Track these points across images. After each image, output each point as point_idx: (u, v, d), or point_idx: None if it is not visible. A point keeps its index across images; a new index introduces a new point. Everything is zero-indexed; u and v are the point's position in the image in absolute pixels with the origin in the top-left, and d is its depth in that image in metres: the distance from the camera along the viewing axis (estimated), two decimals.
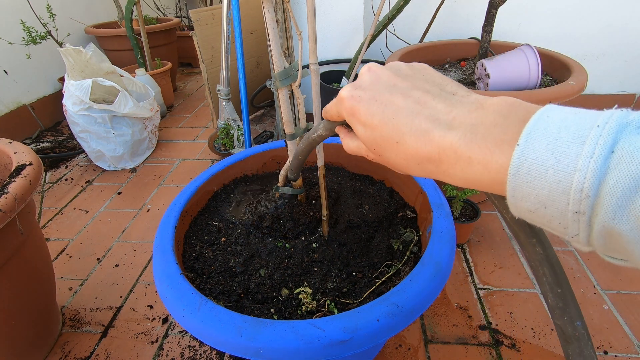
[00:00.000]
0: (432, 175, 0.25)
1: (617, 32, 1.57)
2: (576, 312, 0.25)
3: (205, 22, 1.47)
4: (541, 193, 0.19)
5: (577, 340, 0.25)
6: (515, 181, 0.20)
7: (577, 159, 0.18)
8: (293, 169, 0.63)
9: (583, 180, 0.17)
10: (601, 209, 0.17)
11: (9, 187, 0.63)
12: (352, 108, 0.28)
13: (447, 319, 0.88)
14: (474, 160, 0.22)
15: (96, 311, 0.95)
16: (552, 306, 0.25)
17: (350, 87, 0.29)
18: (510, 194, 0.20)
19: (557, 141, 0.18)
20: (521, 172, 0.19)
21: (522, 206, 0.20)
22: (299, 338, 0.43)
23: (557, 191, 0.18)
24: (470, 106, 0.24)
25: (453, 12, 1.61)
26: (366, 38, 1.29)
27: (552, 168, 0.18)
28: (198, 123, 1.99)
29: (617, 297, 0.91)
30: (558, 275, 0.25)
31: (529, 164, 0.19)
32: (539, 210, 0.20)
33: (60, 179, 1.53)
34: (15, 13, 1.76)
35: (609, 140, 0.17)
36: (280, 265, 0.62)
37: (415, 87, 0.27)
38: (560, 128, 0.19)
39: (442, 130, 0.23)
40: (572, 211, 0.18)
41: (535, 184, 0.19)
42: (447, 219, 0.60)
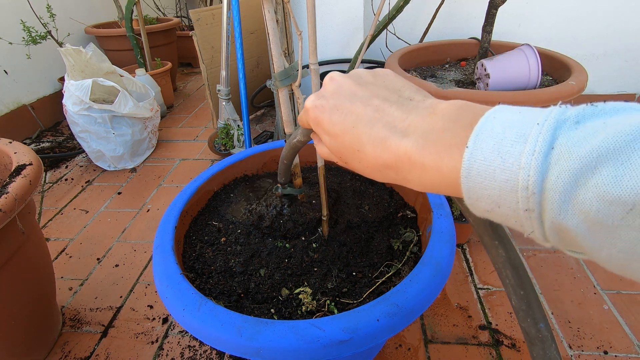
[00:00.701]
0: (394, 181, 0.26)
1: (617, 32, 1.57)
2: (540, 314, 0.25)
3: (205, 22, 1.47)
4: (493, 193, 0.19)
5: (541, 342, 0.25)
6: (468, 183, 0.20)
7: (520, 157, 0.18)
8: (281, 173, 0.63)
9: (527, 178, 0.17)
10: (547, 205, 0.17)
11: (9, 187, 0.63)
12: (316, 118, 0.29)
13: (447, 319, 0.88)
14: (427, 166, 0.22)
15: (96, 311, 0.95)
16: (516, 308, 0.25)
17: (314, 96, 0.30)
18: (466, 195, 0.21)
19: (502, 141, 0.19)
20: (472, 174, 0.20)
21: (479, 206, 0.21)
22: (299, 338, 0.43)
23: (506, 190, 0.19)
24: (423, 112, 0.24)
25: (453, 12, 1.61)
26: (366, 38, 1.29)
27: (499, 168, 0.19)
28: (198, 123, 1.99)
29: (617, 297, 0.91)
30: (521, 277, 0.25)
31: (478, 166, 0.19)
32: (495, 210, 0.20)
33: (60, 179, 1.53)
34: (15, 13, 1.76)
35: (548, 137, 0.17)
36: (280, 265, 0.62)
37: (375, 95, 0.27)
38: (505, 128, 0.19)
39: (398, 137, 0.24)
40: (523, 209, 0.18)
41: (486, 184, 0.19)
42: (447, 219, 0.60)
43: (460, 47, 1.40)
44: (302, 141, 0.42)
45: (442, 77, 1.28)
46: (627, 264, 0.17)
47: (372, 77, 0.29)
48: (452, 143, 0.21)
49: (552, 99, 0.91)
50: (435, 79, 1.27)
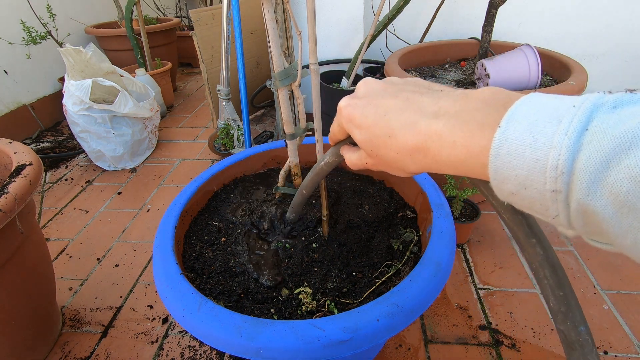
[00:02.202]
0: (423, 165, 0.26)
1: (617, 32, 1.57)
2: (580, 316, 0.24)
3: (205, 22, 1.47)
4: (520, 173, 0.19)
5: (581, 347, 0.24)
6: (496, 162, 0.20)
7: (553, 136, 0.18)
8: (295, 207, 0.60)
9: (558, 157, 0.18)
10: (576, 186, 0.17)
11: (9, 187, 0.63)
12: (349, 115, 0.30)
13: (447, 319, 0.88)
14: (458, 143, 0.22)
15: (96, 311, 0.95)
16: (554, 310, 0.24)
17: (347, 97, 0.32)
18: (492, 176, 0.21)
19: (536, 122, 0.19)
20: (501, 153, 0.20)
21: (505, 189, 0.21)
22: (298, 338, 0.43)
23: (535, 170, 0.19)
24: (455, 97, 0.25)
25: (453, 12, 1.61)
26: (366, 38, 1.29)
27: (530, 147, 0.19)
28: (198, 123, 1.99)
29: (617, 297, 0.91)
30: (560, 277, 0.24)
31: (508, 145, 0.19)
32: (521, 192, 0.20)
33: (60, 179, 1.53)
34: (15, 13, 1.76)
35: (583, 119, 0.17)
36: (281, 265, 0.62)
37: (404, 89, 0.29)
38: (540, 109, 0.19)
39: (428, 119, 0.24)
40: (550, 190, 0.18)
41: (514, 164, 0.19)
42: (447, 219, 0.60)
43: (460, 47, 1.40)
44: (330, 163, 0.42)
45: (442, 77, 1.28)
46: None
47: (403, 80, 0.31)
48: (484, 122, 0.21)
49: None
50: (435, 79, 1.27)
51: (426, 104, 0.26)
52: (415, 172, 0.28)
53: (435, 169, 0.25)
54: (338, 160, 0.41)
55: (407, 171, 0.28)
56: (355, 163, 0.34)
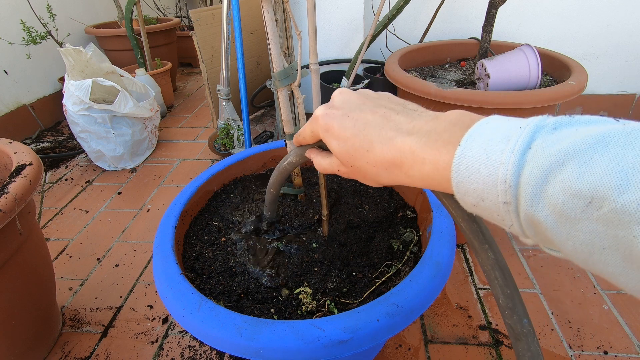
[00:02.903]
0: (397, 179, 0.28)
1: (617, 32, 1.57)
2: (523, 311, 0.27)
3: (205, 22, 1.47)
4: (478, 187, 0.21)
5: (525, 337, 0.27)
6: (457, 177, 0.22)
7: (502, 154, 0.20)
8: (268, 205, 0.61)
9: (506, 172, 0.20)
10: (522, 198, 0.19)
11: (9, 187, 0.63)
12: (327, 124, 0.31)
13: (447, 319, 0.88)
14: (427, 160, 0.25)
15: (96, 311, 0.95)
16: (502, 306, 0.27)
17: (324, 107, 0.33)
18: (455, 190, 0.23)
19: (489, 141, 0.21)
20: (461, 169, 0.22)
21: (467, 201, 0.23)
22: (298, 338, 0.43)
23: (489, 184, 0.21)
24: (427, 118, 0.27)
25: (453, 12, 1.61)
26: (366, 38, 1.29)
27: (484, 163, 0.21)
28: (198, 123, 1.99)
29: (617, 297, 0.91)
30: (507, 278, 0.27)
31: (467, 161, 0.22)
32: (480, 204, 0.22)
33: (60, 179, 1.53)
34: (15, 13, 1.76)
35: (527, 138, 0.20)
36: (280, 265, 0.62)
37: (381, 105, 0.30)
38: (494, 130, 0.22)
39: (403, 136, 0.27)
40: (502, 202, 0.20)
41: (472, 178, 0.21)
42: (447, 219, 0.60)
43: (460, 47, 1.40)
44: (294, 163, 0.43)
45: (442, 77, 1.28)
46: (588, 256, 0.18)
47: (377, 95, 0.33)
48: (449, 141, 0.24)
49: (552, 99, 0.91)
50: (435, 79, 1.27)
51: (402, 122, 0.28)
52: (387, 183, 0.30)
53: (407, 182, 0.27)
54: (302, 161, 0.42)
55: (379, 182, 0.30)
56: (325, 168, 0.35)
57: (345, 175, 0.33)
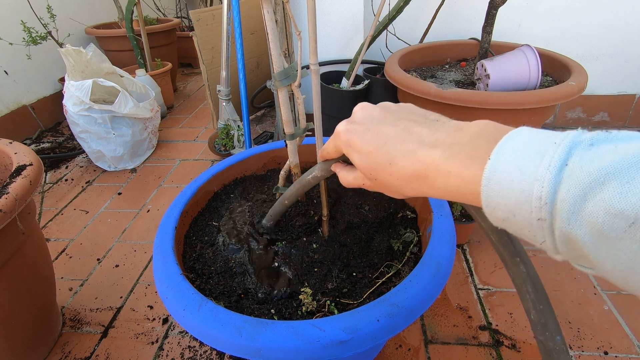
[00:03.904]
0: (421, 191, 0.28)
1: (617, 32, 1.57)
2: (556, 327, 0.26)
3: (206, 22, 1.47)
4: (509, 202, 0.21)
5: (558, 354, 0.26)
6: (488, 192, 0.22)
7: (536, 170, 0.20)
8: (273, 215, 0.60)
9: (541, 189, 0.19)
10: (558, 215, 0.19)
11: (9, 187, 0.63)
12: (349, 140, 0.32)
13: (447, 319, 0.88)
14: (452, 173, 0.24)
15: (96, 311, 0.95)
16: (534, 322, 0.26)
17: (345, 122, 0.33)
18: (484, 203, 0.23)
19: (522, 156, 0.21)
20: (492, 183, 0.22)
21: (496, 215, 0.22)
22: (299, 338, 0.43)
23: (522, 200, 0.20)
24: (450, 129, 0.27)
25: (453, 12, 1.61)
26: (366, 39, 1.29)
27: (517, 179, 0.20)
28: (198, 123, 1.99)
29: (618, 298, 0.91)
30: (539, 292, 0.26)
31: (498, 176, 0.21)
32: (510, 219, 0.22)
33: (61, 180, 1.53)
34: (15, 13, 1.76)
35: (563, 155, 0.19)
36: (280, 266, 0.62)
37: (402, 117, 0.30)
38: (526, 145, 0.21)
39: (426, 149, 0.26)
40: (536, 218, 0.20)
41: (503, 193, 0.21)
42: (447, 219, 0.60)
43: (460, 47, 1.40)
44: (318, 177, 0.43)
45: (442, 78, 1.28)
46: (629, 276, 0.18)
47: (398, 107, 0.33)
48: (476, 154, 0.23)
49: (552, 99, 0.91)
50: (435, 79, 1.27)
51: (424, 134, 0.28)
52: (411, 195, 0.29)
53: (432, 195, 0.27)
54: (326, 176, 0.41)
55: (404, 195, 0.30)
56: (350, 182, 0.35)
57: (370, 188, 0.34)
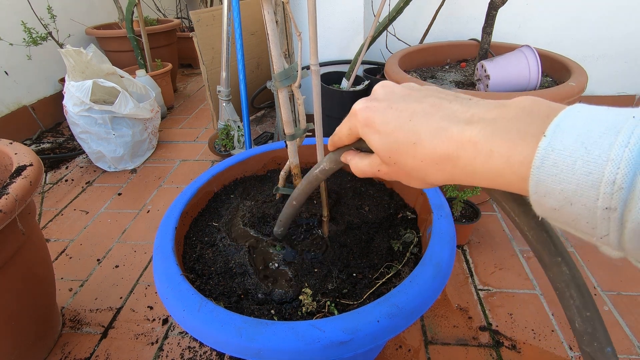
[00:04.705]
0: (450, 175, 0.24)
1: (616, 33, 1.57)
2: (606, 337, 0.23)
3: (206, 23, 1.47)
4: (567, 188, 0.18)
5: None
6: (539, 175, 0.19)
7: (610, 149, 0.16)
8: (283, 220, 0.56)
9: (616, 171, 0.16)
10: (636, 204, 0.16)
11: (9, 187, 0.63)
12: (367, 118, 0.28)
13: (447, 320, 0.88)
14: (495, 153, 0.21)
15: (96, 312, 0.95)
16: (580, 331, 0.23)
17: (364, 100, 0.29)
18: (532, 189, 0.19)
19: (588, 132, 0.17)
20: (546, 164, 0.18)
21: (546, 204, 0.19)
22: (299, 339, 0.43)
23: (586, 185, 0.17)
24: (489, 105, 0.23)
25: (453, 13, 1.62)
26: (366, 39, 1.30)
27: (582, 159, 0.17)
28: (198, 124, 1.99)
29: (618, 298, 0.91)
30: (585, 297, 0.23)
31: (555, 156, 0.18)
32: (565, 208, 0.18)
33: (61, 180, 1.53)
34: (16, 14, 1.76)
35: None
36: (280, 267, 0.62)
37: (429, 95, 0.27)
38: (592, 121, 0.18)
39: (460, 126, 0.23)
40: (602, 207, 0.17)
41: (561, 177, 0.18)
42: (447, 220, 0.60)
43: (460, 48, 1.40)
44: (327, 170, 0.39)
45: (442, 79, 1.28)
46: None
47: (424, 87, 0.29)
48: (527, 131, 0.20)
49: (552, 100, 0.91)
50: (435, 80, 1.27)
51: (457, 111, 0.24)
52: (436, 183, 0.26)
53: (463, 180, 0.24)
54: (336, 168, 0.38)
55: (427, 182, 0.26)
56: (364, 170, 0.31)
57: (386, 176, 0.30)
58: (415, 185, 0.28)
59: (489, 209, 1.22)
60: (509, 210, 0.25)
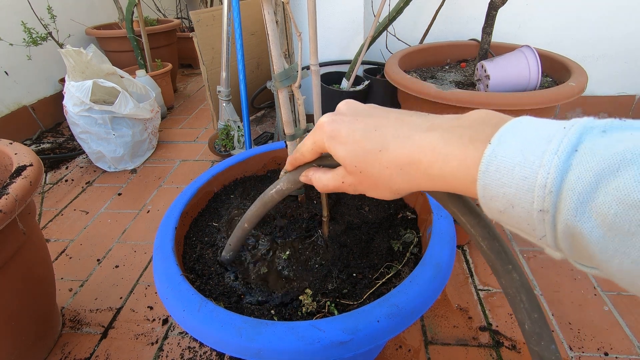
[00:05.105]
0: (413, 180, 0.26)
1: (616, 33, 1.57)
2: (549, 335, 0.25)
3: (206, 23, 1.47)
4: (509, 191, 0.19)
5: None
6: (485, 179, 0.20)
7: (542, 155, 0.18)
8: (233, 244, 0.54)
9: (546, 176, 0.17)
10: (563, 206, 0.17)
11: (9, 187, 0.63)
12: (333, 130, 0.29)
13: (447, 320, 0.88)
14: (451, 156, 0.23)
15: (96, 312, 0.95)
16: (529, 332, 0.25)
17: (330, 114, 0.31)
18: (480, 193, 0.21)
19: (525, 140, 0.19)
20: (490, 170, 0.20)
21: (493, 207, 0.21)
22: (299, 339, 0.43)
23: (523, 189, 0.19)
24: (447, 117, 0.26)
25: (453, 13, 1.62)
26: (366, 39, 1.30)
27: (519, 165, 0.19)
28: (198, 124, 1.99)
29: (618, 299, 0.91)
30: (532, 301, 0.25)
31: (498, 162, 0.20)
32: (508, 211, 0.20)
33: (61, 180, 1.53)
34: (16, 14, 1.76)
35: (573, 140, 0.18)
36: (280, 267, 0.62)
37: (392, 111, 0.29)
38: (531, 131, 0.19)
39: (422, 133, 0.25)
40: (537, 209, 0.18)
41: (503, 181, 0.19)
42: (447, 220, 0.60)
43: (460, 48, 1.40)
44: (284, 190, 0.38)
45: (442, 79, 1.28)
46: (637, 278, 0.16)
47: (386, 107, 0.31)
48: (477, 137, 0.22)
49: (552, 100, 0.91)
50: (435, 80, 1.27)
51: (419, 122, 0.26)
52: (400, 189, 0.27)
53: (425, 185, 0.25)
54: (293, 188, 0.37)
55: (392, 189, 0.28)
56: (327, 184, 0.32)
57: (350, 187, 0.31)
58: (380, 194, 0.29)
59: None
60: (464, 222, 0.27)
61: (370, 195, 0.30)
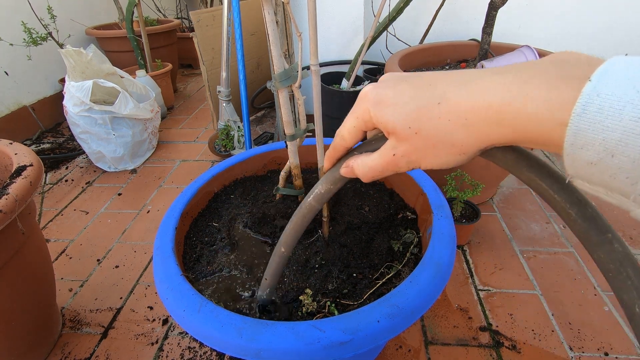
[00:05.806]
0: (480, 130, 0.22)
1: (616, 33, 1.57)
2: None
3: (206, 23, 1.47)
4: (611, 137, 0.16)
5: None
6: (580, 123, 0.17)
7: None
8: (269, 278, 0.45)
9: None
10: None
11: (9, 188, 0.63)
12: (379, 95, 0.26)
13: (447, 320, 0.88)
14: (530, 96, 0.19)
15: (96, 312, 0.95)
16: None
17: (371, 84, 0.28)
18: (570, 140, 0.17)
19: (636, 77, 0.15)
20: (590, 110, 0.16)
21: (582, 157, 0.17)
22: (299, 339, 0.43)
23: (633, 132, 0.15)
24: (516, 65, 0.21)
25: (453, 13, 1.62)
26: (366, 39, 1.30)
27: (631, 103, 0.15)
28: (198, 124, 1.99)
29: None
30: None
31: (600, 101, 0.16)
32: (604, 161, 0.16)
33: (61, 180, 1.53)
34: (16, 14, 1.76)
35: None
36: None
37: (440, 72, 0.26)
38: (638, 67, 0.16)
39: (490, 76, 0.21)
40: None
41: (605, 124, 0.16)
42: (447, 220, 0.60)
43: (460, 48, 1.40)
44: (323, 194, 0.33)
45: None
46: None
47: None
48: (569, 74, 0.18)
49: None
50: None
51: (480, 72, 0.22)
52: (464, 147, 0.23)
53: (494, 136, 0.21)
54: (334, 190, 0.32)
55: (454, 148, 0.23)
56: (373, 166, 0.28)
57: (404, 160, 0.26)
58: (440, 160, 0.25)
59: (489, 209, 1.22)
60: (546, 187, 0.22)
61: (427, 165, 0.25)
